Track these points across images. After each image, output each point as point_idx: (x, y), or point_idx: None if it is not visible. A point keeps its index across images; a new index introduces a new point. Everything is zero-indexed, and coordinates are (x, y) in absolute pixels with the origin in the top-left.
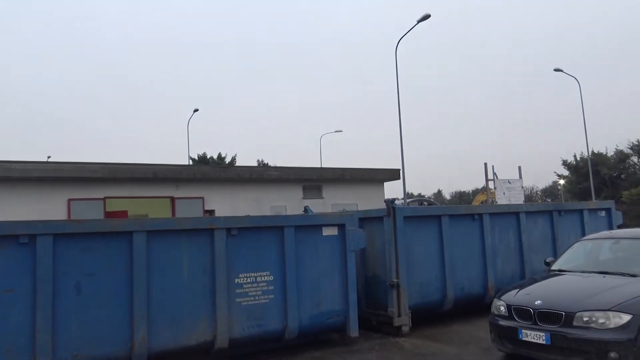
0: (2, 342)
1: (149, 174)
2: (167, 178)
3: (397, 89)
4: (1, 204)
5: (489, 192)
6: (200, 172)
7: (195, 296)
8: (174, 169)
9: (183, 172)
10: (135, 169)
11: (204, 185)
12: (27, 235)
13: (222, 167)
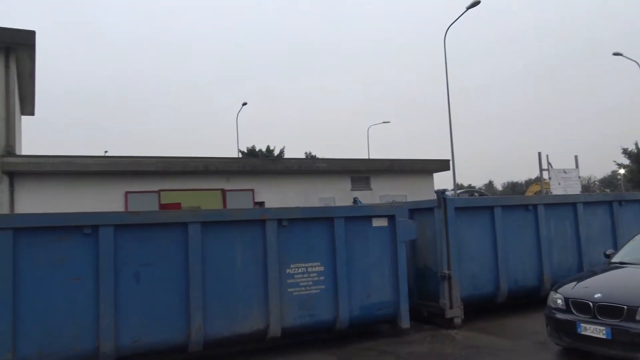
0: (70, 328)
1: (200, 167)
2: (218, 171)
3: (446, 77)
4: (64, 197)
5: (544, 182)
6: (250, 165)
7: (248, 286)
8: (224, 161)
9: (233, 164)
10: (188, 162)
11: (253, 177)
12: (90, 226)
13: (271, 160)
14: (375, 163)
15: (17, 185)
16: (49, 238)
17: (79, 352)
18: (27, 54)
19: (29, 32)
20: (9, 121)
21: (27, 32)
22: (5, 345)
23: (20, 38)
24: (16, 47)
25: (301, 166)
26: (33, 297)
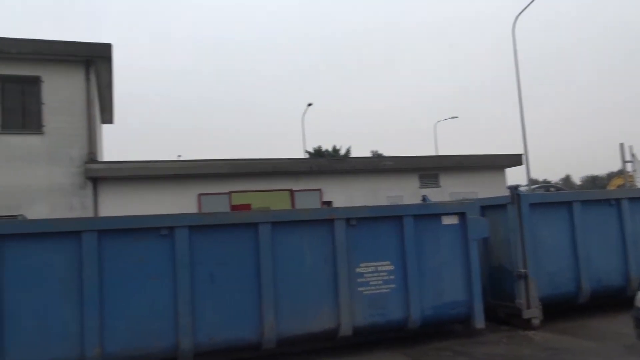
0: (151, 325)
1: (269, 168)
2: (286, 171)
3: (517, 69)
4: (142, 199)
5: (627, 175)
6: (317, 165)
7: (318, 285)
8: (292, 162)
9: (300, 165)
10: (257, 164)
11: (320, 177)
12: (166, 227)
13: (338, 159)
14: (444, 160)
15: (99, 190)
16: (130, 239)
17: (160, 348)
18: (105, 66)
19: (106, 45)
20: (90, 130)
21: (105, 45)
22: (93, 340)
23: (98, 51)
24: (95, 59)
25: (368, 165)
26: (117, 295)
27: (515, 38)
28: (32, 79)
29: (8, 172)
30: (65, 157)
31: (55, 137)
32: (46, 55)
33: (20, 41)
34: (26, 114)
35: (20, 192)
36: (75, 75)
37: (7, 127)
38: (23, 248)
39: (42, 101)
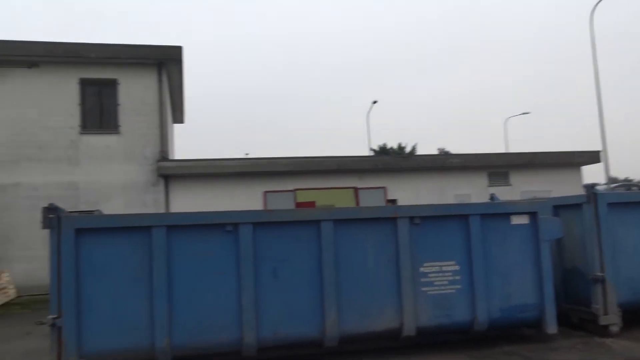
0: (217, 318)
1: (333, 166)
2: (350, 169)
3: (594, 60)
4: (210, 196)
5: None
6: (382, 163)
7: (381, 283)
8: (356, 160)
9: (365, 163)
10: (321, 162)
11: (385, 175)
12: (231, 224)
13: (403, 157)
14: (515, 157)
15: (171, 187)
16: (196, 235)
17: (225, 341)
18: (176, 68)
19: (177, 48)
20: (162, 129)
21: (176, 48)
22: (162, 332)
23: (169, 54)
24: (166, 62)
25: (434, 163)
26: (184, 288)
27: (594, 28)
28: (109, 81)
29: (88, 170)
30: (139, 155)
31: (130, 136)
32: (122, 58)
33: (98, 46)
34: (104, 115)
35: (99, 188)
36: (149, 77)
37: (87, 127)
38: (98, 241)
39: (118, 102)
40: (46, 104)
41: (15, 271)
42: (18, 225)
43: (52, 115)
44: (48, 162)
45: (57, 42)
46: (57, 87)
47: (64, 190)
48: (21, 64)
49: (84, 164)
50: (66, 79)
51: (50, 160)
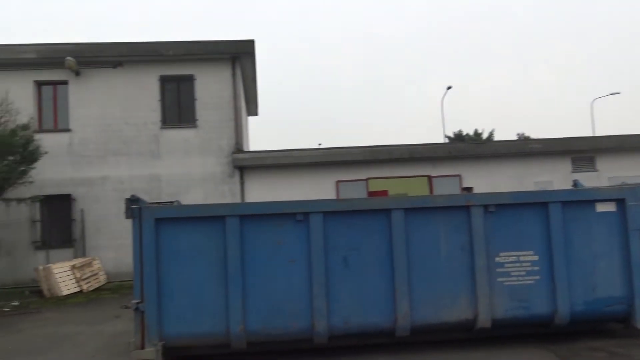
0: (289, 306)
1: (406, 154)
2: (423, 157)
3: None
4: (283, 186)
5: None
6: (456, 150)
7: (454, 273)
8: (429, 147)
9: (439, 150)
10: (393, 150)
11: (460, 162)
12: (302, 213)
13: (479, 143)
14: (602, 141)
15: (246, 177)
16: (268, 224)
17: (297, 329)
18: (250, 61)
19: (249, 42)
20: (237, 122)
21: (248, 42)
22: (237, 318)
23: (242, 47)
24: (240, 56)
25: (512, 148)
26: (257, 276)
27: None
28: (186, 77)
29: (169, 163)
30: (215, 148)
31: (206, 129)
32: (198, 55)
33: (175, 44)
34: (182, 109)
35: (178, 180)
36: (223, 71)
37: (167, 122)
38: (176, 230)
39: (195, 97)
40: (129, 101)
41: (105, 259)
42: (107, 216)
43: (135, 112)
44: (132, 156)
45: (138, 42)
46: (139, 85)
47: (147, 183)
48: (106, 65)
49: (165, 157)
50: (147, 77)
51: (134, 154)
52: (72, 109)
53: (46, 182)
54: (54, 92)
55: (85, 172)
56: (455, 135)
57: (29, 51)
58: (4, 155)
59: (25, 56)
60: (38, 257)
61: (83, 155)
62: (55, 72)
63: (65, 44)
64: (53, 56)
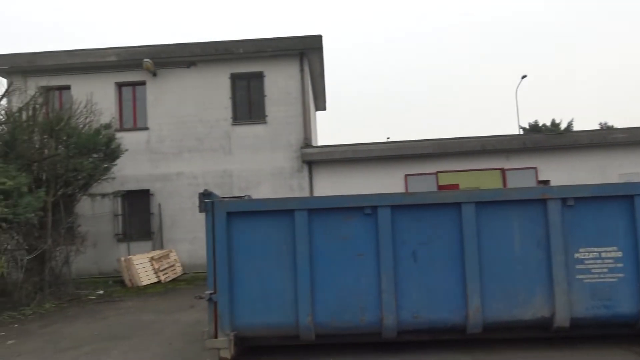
0: (357, 299)
1: (477, 146)
2: (496, 149)
3: None
4: (351, 180)
5: None
6: (532, 141)
7: (529, 269)
8: (502, 139)
9: (513, 142)
10: (464, 143)
11: (536, 154)
12: (370, 207)
13: (556, 134)
14: None
15: (314, 172)
16: (337, 217)
17: (365, 322)
18: (317, 56)
19: (317, 37)
20: (305, 117)
21: (316, 37)
22: (305, 310)
23: (310, 43)
24: (307, 51)
25: (593, 139)
26: (325, 269)
27: None
28: (256, 74)
29: (240, 158)
30: (284, 143)
31: (275, 125)
32: (267, 52)
33: (245, 42)
34: (252, 106)
35: (249, 175)
36: (291, 67)
37: (238, 119)
38: (247, 224)
39: (265, 94)
40: (202, 99)
41: (181, 251)
42: (182, 210)
43: (208, 109)
44: (205, 152)
45: (210, 42)
46: (212, 83)
47: (220, 178)
48: (180, 65)
49: (236, 153)
50: (219, 75)
51: (207, 150)
52: (150, 108)
53: (127, 178)
54: (133, 93)
55: (162, 168)
56: (531, 126)
57: (110, 54)
58: (89, 153)
59: (107, 59)
60: (120, 249)
61: (160, 152)
62: (134, 74)
63: (142, 47)
64: (132, 58)
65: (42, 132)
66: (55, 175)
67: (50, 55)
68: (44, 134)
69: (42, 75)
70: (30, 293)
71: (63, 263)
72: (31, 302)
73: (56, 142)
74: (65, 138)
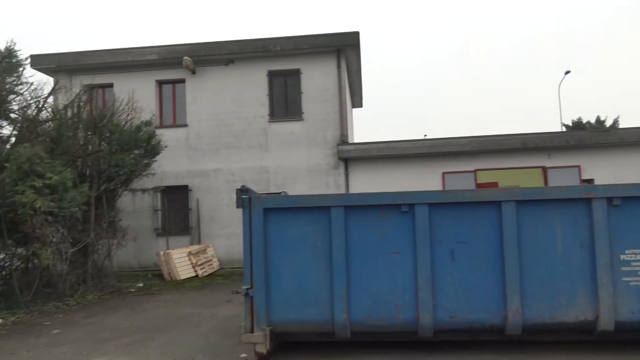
0: (393, 297)
1: (517, 144)
2: (537, 147)
3: None
4: (388, 178)
5: None
6: (575, 139)
7: (571, 271)
8: (544, 137)
9: (555, 139)
10: (504, 140)
11: (579, 152)
12: (406, 204)
13: (601, 131)
14: None
15: (350, 169)
16: (373, 215)
17: (401, 321)
18: (354, 53)
19: (354, 34)
20: (342, 114)
21: (353, 34)
22: (341, 307)
23: (347, 40)
24: (344, 48)
25: None
26: (361, 266)
27: None
28: (293, 71)
29: (277, 155)
30: (320, 140)
31: (312, 122)
32: (304, 49)
33: (282, 39)
34: (289, 103)
35: (285, 172)
36: (328, 64)
37: (275, 116)
38: (283, 220)
39: (301, 90)
40: (240, 96)
41: (218, 246)
42: (219, 206)
43: (245, 107)
44: (242, 149)
45: (248, 40)
46: (249, 80)
47: (257, 174)
48: (219, 62)
49: (273, 149)
50: (256, 72)
51: (244, 147)
52: (189, 106)
53: (166, 174)
54: (172, 90)
55: (200, 165)
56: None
57: (151, 53)
58: (131, 149)
59: (148, 58)
60: (159, 243)
61: (198, 149)
62: (174, 72)
63: (182, 45)
64: (171, 57)
65: (86, 129)
66: (98, 171)
67: (94, 54)
68: (88, 131)
69: (86, 74)
70: (74, 284)
71: (105, 256)
72: (75, 293)
73: (99, 138)
74: (108, 134)
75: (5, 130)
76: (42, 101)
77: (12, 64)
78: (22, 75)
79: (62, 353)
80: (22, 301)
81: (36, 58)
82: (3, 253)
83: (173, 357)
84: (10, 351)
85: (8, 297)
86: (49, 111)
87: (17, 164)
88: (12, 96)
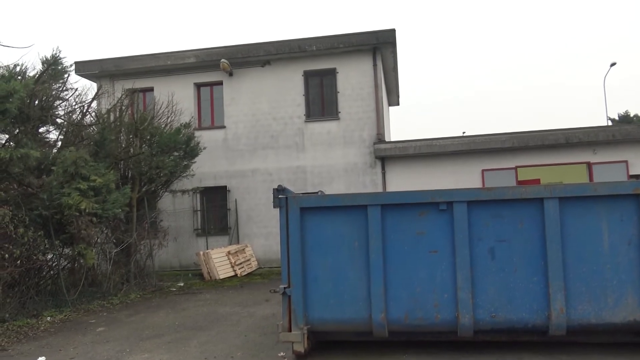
0: (431, 296)
1: (560, 139)
2: (581, 142)
3: None
4: (426, 176)
5: None
6: (622, 133)
7: (619, 269)
8: (588, 131)
9: (600, 134)
10: (545, 136)
11: (627, 147)
12: (445, 202)
13: None
14: None
15: (387, 167)
16: (410, 213)
17: (440, 320)
18: (390, 51)
19: (390, 31)
20: (378, 112)
21: (389, 31)
22: (379, 306)
23: (383, 37)
24: (380, 46)
25: None
26: (398, 265)
27: None
28: (329, 71)
29: (313, 155)
30: (357, 139)
31: (348, 121)
32: (339, 48)
33: (318, 39)
34: (325, 102)
35: (322, 171)
36: (364, 62)
37: (311, 116)
38: (320, 219)
39: (337, 90)
40: (276, 97)
41: (256, 246)
42: (257, 206)
43: (281, 107)
44: (279, 149)
45: (283, 41)
46: (285, 81)
47: (294, 174)
48: (255, 64)
49: (309, 149)
50: (292, 73)
51: (281, 147)
52: (226, 107)
53: (205, 175)
54: (210, 92)
55: (238, 165)
56: (621, 117)
57: (189, 56)
58: (170, 151)
59: (186, 61)
60: (199, 243)
61: (236, 150)
62: (211, 74)
63: (219, 47)
64: (209, 59)
65: (128, 132)
66: (140, 173)
67: (135, 59)
68: (129, 134)
69: (128, 78)
70: (117, 284)
71: (147, 256)
72: (118, 292)
73: (140, 141)
74: (149, 137)
75: (52, 134)
76: (86, 106)
77: (57, 71)
78: (67, 81)
79: (106, 350)
80: (69, 300)
81: (80, 64)
82: (51, 253)
83: (212, 355)
84: (58, 348)
85: (56, 295)
86: (92, 116)
87: (63, 167)
88: (58, 102)
